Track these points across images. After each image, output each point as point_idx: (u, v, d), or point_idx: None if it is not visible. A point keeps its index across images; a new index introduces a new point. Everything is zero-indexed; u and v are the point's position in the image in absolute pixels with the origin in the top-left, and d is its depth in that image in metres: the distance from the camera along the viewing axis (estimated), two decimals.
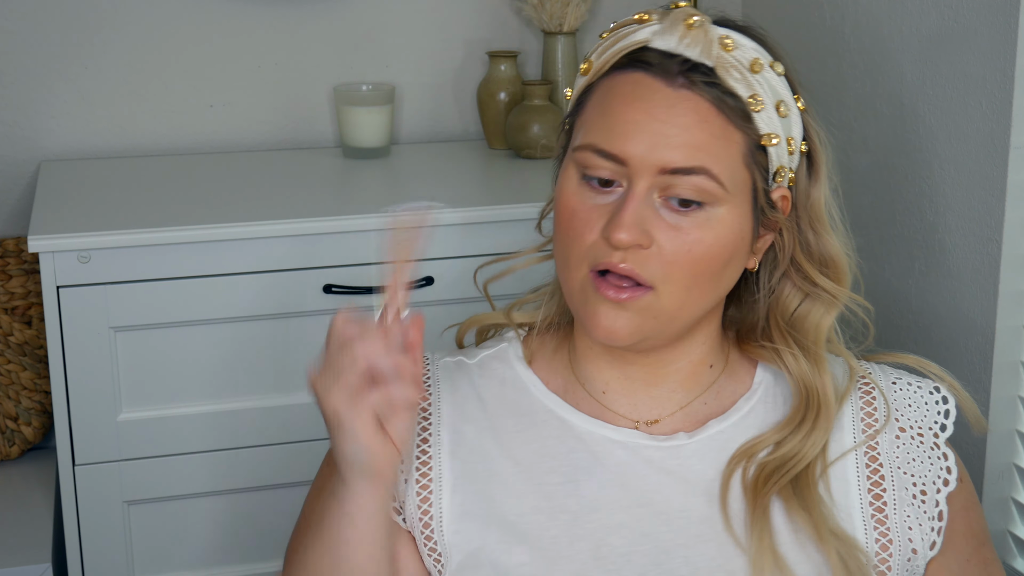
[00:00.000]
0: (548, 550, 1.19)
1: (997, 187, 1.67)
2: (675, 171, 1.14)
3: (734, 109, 1.16)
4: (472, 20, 2.35)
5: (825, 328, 1.24)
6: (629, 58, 1.18)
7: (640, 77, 1.16)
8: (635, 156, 1.14)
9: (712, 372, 1.26)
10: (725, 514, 1.20)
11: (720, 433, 1.23)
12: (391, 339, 1.10)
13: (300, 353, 1.91)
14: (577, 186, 1.18)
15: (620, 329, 1.16)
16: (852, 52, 1.99)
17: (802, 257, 1.23)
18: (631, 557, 1.19)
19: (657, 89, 1.15)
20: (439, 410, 1.27)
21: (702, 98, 1.15)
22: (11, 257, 2.14)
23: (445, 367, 1.30)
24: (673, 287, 1.15)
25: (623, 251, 1.14)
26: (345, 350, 1.09)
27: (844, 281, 1.24)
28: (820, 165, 1.24)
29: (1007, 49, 1.63)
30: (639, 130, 1.14)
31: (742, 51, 1.18)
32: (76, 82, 2.21)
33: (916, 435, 1.25)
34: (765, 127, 1.17)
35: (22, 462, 2.14)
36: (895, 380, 1.28)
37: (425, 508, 1.23)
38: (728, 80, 1.16)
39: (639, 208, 1.14)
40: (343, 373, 1.09)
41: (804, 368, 1.23)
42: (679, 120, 1.14)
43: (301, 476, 1.91)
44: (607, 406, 1.25)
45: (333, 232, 1.88)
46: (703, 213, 1.15)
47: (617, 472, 1.22)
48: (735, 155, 1.16)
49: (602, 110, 1.17)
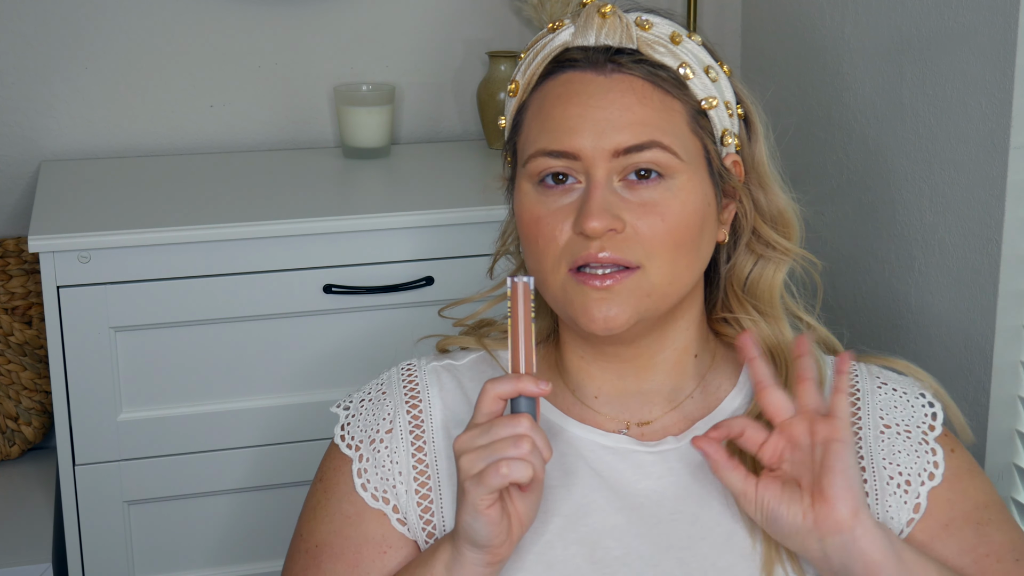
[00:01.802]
0: (544, 554, 1.20)
1: (997, 187, 1.67)
2: (628, 150, 1.16)
3: (667, 80, 1.19)
4: (472, 20, 2.35)
5: (778, 285, 1.27)
6: (555, 63, 1.21)
7: (570, 75, 1.19)
8: (586, 147, 1.16)
9: (698, 364, 1.27)
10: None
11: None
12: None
13: (300, 353, 1.91)
14: (535, 195, 1.19)
15: (616, 315, 1.17)
16: (852, 52, 1.99)
17: (757, 218, 1.26)
18: (626, 560, 1.19)
19: (590, 80, 1.18)
20: (431, 416, 1.27)
21: (635, 77, 1.18)
22: (11, 257, 2.14)
23: (433, 371, 1.30)
24: (659, 261, 1.17)
25: (599, 240, 1.15)
26: (486, 430, 1.10)
27: (795, 236, 1.27)
28: (756, 124, 1.27)
29: (1007, 49, 1.63)
30: (583, 122, 1.17)
31: (659, 27, 1.21)
32: (76, 82, 2.21)
33: (903, 431, 1.25)
34: (701, 92, 1.21)
35: (22, 462, 2.14)
36: (881, 384, 1.28)
37: (427, 518, 1.24)
38: (654, 55, 1.19)
39: (604, 195, 1.16)
40: (482, 449, 1.10)
41: (764, 330, 1.26)
42: (619, 102, 1.17)
43: (301, 476, 1.91)
44: (598, 411, 1.26)
45: (333, 232, 1.88)
46: (664, 184, 1.17)
47: (608, 476, 1.22)
48: (680, 123, 1.19)
49: (541, 117, 1.20)
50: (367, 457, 1.26)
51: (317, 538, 1.25)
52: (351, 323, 1.92)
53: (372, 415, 1.28)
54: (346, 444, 1.27)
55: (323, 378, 1.92)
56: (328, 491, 1.27)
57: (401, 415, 1.27)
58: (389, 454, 1.26)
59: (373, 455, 1.26)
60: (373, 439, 1.26)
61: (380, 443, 1.26)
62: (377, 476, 1.25)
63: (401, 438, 1.26)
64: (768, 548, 1.19)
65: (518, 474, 1.08)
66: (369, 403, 1.29)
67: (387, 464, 1.25)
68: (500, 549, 1.12)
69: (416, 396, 1.28)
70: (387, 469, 1.25)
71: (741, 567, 1.19)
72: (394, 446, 1.26)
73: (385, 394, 1.29)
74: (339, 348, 1.92)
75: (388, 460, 1.25)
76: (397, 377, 1.30)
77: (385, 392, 1.29)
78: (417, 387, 1.29)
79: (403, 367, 1.31)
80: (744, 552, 1.19)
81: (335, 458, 1.28)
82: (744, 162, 1.25)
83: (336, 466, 1.28)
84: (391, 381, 1.30)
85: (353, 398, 1.31)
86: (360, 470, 1.26)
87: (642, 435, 1.25)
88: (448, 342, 1.35)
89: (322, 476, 1.28)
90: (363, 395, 1.30)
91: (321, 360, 1.92)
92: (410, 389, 1.29)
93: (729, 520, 1.21)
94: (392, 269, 1.91)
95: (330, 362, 1.92)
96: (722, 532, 1.20)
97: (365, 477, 1.25)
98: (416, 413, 1.27)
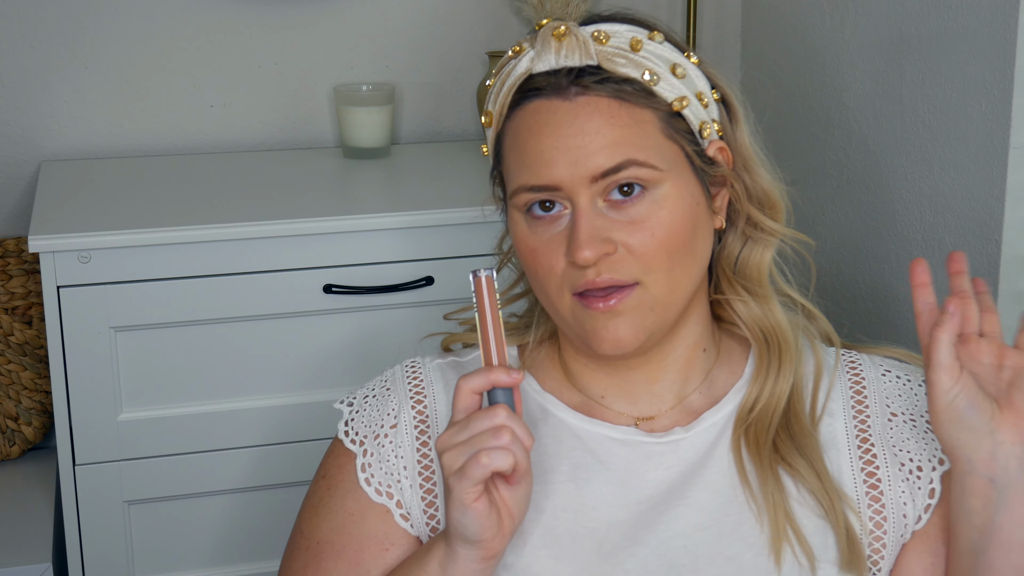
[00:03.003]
0: (551, 548, 1.20)
1: (997, 187, 1.67)
2: (605, 174, 1.15)
3: (633, 93, 1.17)
4: (472, 20, 2.35)
5: (766, 265, 1.26)
6: (520, 92, 1.19)
7: (538, 104, 1.18)
8: (563, 178, 1.15)
9: (706, 358, 1.27)
10: (744, 480, 1.21)
11: (714, 425, 1.24)
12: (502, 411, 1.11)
13: (300, 353, 1.91)
14: (527, 226, 1.19)
15: (624, 335, 1.17)
16: (852, 52, 1.99)
17: (746, 201, 1.25)
18: (633, 551, 1.20)
19: (556, 108, 1.17)
20: (435, 412, 1.28)
21: (600, 96, 1.17)
22: (11, 257, 2.14)
23: (437, 368, 1.30)
24: (655, 274, 1.17)
25: (594, 267, 1.15)
26: (464, 425, 1.11)
27: (781, 216, 1.26)
28: (735, 106, 1.25)
29: (1007, 49, 1.63)
30: (556, 152, 1.16)
31: (617, 37, 1.19)
32: (76, 82, 2.21)
33: (908, 419, 1.26)
34: (670, 94, 1.19)
35: (22, 462, 2.14)
36: (885, 372, 1.29)
37: (432, 512, 1.24)
38: (617, 69, 1.17)
39: (590, 221, 1.15)
40: (462, 444, 1.10)
41: (755, 311, 1.26)
42: (587, 127, 1.16)
43: (301, 476, 1.91)
44: (606, 406, 1.26)
45: (333, 232, 1.88)
46: (648, 197, 1.16)
47: (616, 469, 1.23)
48: (653, 133, 1.18)
49: (517, 151, 1.19)
50: (371, 452, 1.26)
51: (319, 535, 1.25)
52: (351, 323, 1.92)
53: (377, 410, 1.28)
54: (350, 439, 1.27)
55: (323, 378, 1.92)
56: (332, 488, 1.27)
57: (406, 410, 1.27)
58: (394, 449, 1.26)
59: (377, 450, 1.26)
60: (377, 434, 1.27)
61: (384, 438, 1.26)
62: (381, 471, 1.25)
63: (406, 432, 1.26)
64: (776, 535, 1.19)
65: (499, 462, 1.09)
66: (373, 399, 1.29)
67: (391, 459, 1.25)
68: (492, 543, 1.12)
69: (421, 391, 1.28)
70: (391, 464, 1.25)
71: (748, 556, 1.20)
72: (399, 441, 1.26)
73: (389, 390, 1.29)
74: (339, 348, 1.92)
75: (392, 455, 1.26)
76: (402, 374, 1.30)
77: (389, 388, 1.29)
78: (421, 383, 1.29)
79: (407, 364, 1.31)
80: (752, 541, 1.20)
81: (339, 454, 1.28)
82: (729, 146, 1.24)
83: (340, 463, 1.27)
84: (395, 378, 1.30)
85: (357, 395, 1.31)
86: (364, 465, 1.26)
87: (650, 428, 1.25)
88: (452, 340, 1.35)
89: (325, 473, 1.28)
90: (367, 391, 1.31)
91: (321, 360, 1.92)
92: (415, 385, 1.29)
93: (737, 509, 1.21)
94: (392, 269, 1.91)
95: (330, 362, 1.92)
96: (730, 522, 1.21)
97: (369, 472, 1.25)
98: (421, 408, 1.27)
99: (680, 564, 1.20)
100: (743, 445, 1.23)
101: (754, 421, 1.23)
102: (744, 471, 1.22)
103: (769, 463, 1.22)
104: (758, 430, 1.23)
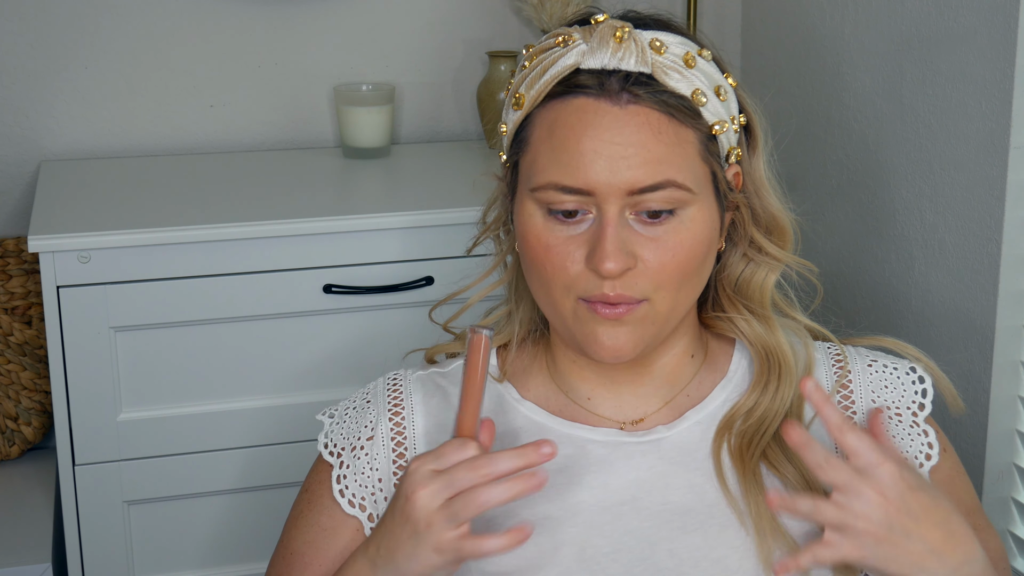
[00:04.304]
0: (533, 558, 1.20)
1: (997, 187, 1.67)
2: (642, 190, 1.13)
3: (681, 109, 1.15)
4: (472, 20, 2.35)
5: (769, 288, 1.25)
6: (564, 84, 1.16)
7: (583, 102, 1.14)
8: (600, 184, 1.13)
9: (694, 363, 1.27)
10: (723, 485, 1.20)
11: (697, 424, 1.24)
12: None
13: (300, 353, 1.91)
14: (544, 221, 1.16)
15: (623, 345, 1.16)
16: (852, 52, 1.99)
17: (751, 225, 1.24)
18: (616, 556, 1.19)
19: (604, 111, 1.13)
20: (413, 423, 1.27)
21: (651, 109, 1.14)
22: (11, 257, 2.14)
23: (418, 380, 1.30)
24: (664, 293, 1.16)
25: (613, 280, 1.14)
26: (461, 469, 1.10)
27: (788, 243, 1.25)
28: (756, 132, 1.23)
29: (1007, 49, 1.63)
30: (597, 157, 1.13)
31: (673, 48, 1.16)
32: (76, 82, 2.21)
33: (895, 414, 1.25)
34: (712, 116, 1.17)
35: (22, 462, 2.14)
36: (871, 363, 1.28)
37: None
38: (669, 83, 1.15)
39: (618, 232, 1.13)
40: (450, 487, 1.09)
41: (758, 330, 1.24)
42: (634, 138, 1.13)
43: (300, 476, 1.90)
44: (591, 411, 1.26)
45: (333, 232, 1.88)
46: (675, 219, 1.15)
47: (598, 472, 1.22)
48: (692, 154, 1.16)
49: (552, 145, 1.15)
50: (347, 464, 1.26)
51: (293, 547, 1.27)
52: (351, 323, 1.92)
53: (355, 422, 1.28)
54: (328, 451, 1.28)
55: (323, 378, 1.92)
56: (311, 502, 1.28)
57: (383, 423, 1.27)
58: (369, 461, 1.26)
59: (353, 462, 1.26)
60: (354, 446, 1.27)
61: (360, 450, 1.26)
62: (356, 483, 1.26)
63: (382, 445, 1.26)
64: (761, 538, 1.18)
65: (488, 499, 1.08)
66: (353, 411, 1.30)
67: (367, 471, 1.26)
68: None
69: (399, 404, 1.28)
70: (366, 476, 1.26)
71: (734, 558, 1.19)
72: (375, 453, 1.26)
73: (369, 403, 1.29)
74: (339, 348, 1.92)
75: (368, 467, 1.26)
76: (383, 387, 1.30)
77: (370, 401, 1.30)
78: (401, 395, 1.29)
79: (389, 377, 1.31)
80: (736, 543, 1.19)
81: (320, 469, 1.29)
82: (743, 171, 1.23)
83: (320, 478, 1.29)
84: (376, 390, 1.30)
85: (339, 407, 1.32)
86: (339, 476, 1.26)
87: (634, 430, 1.25)
88: (435, 351, 1.35)
89: (308, 486, 1.29)
90: (348, 404, 1.31)
91: (321, 360, 1.92)
92: (394, 397, 1.29)
93: (721, 510, 1.21)
94: (392, 269, 1.91)
95: (330, 362, 1.92)
96: (715, 523, 1.20)
97: (343, 483, 1.26)
98: (398, 420, 1.27)
99: (664, 568, 1.19)
100: (727, 450, 1.22)
101: (744, 431, 1.22)
102: (727, 474, 1.21)
103: (753, 466, 1.21)
104: (748, 440, 1.22)
